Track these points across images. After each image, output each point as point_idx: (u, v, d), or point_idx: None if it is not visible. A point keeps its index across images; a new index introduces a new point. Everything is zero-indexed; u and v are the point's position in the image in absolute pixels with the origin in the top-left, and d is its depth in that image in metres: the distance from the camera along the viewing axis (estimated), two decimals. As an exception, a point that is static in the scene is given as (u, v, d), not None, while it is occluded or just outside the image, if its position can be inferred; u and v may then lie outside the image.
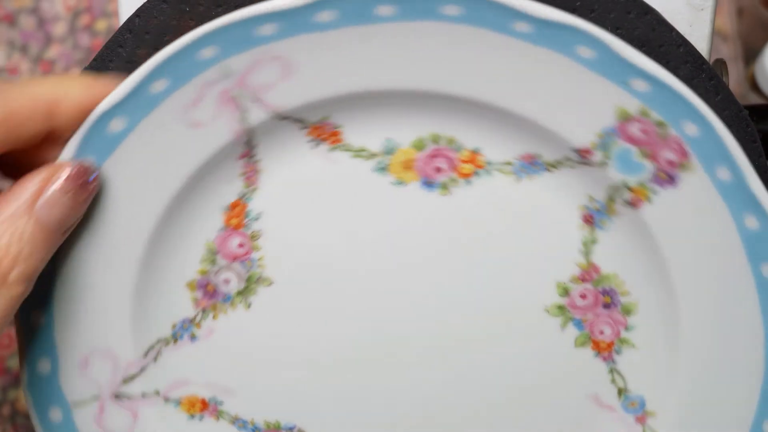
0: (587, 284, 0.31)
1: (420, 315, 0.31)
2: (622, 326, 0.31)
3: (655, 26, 0.29)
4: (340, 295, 0.32)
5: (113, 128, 0.28)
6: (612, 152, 0.28)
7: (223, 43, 0.27)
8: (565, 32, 0.26)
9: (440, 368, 0.32)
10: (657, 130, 0.27)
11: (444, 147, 0.30)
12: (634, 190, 0.29)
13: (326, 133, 0.30)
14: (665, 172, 0.28)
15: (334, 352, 0.32)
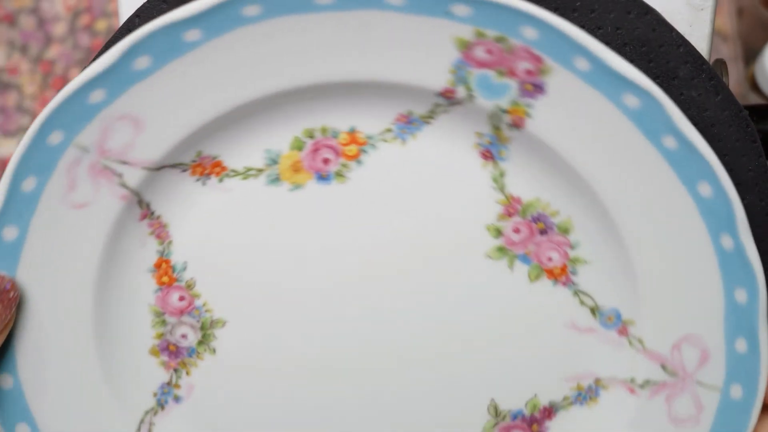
0: (515, 217, 0.30)
1: (375, 299, 0.31)
2: (567, 246, 0.30)
3: (655, 26, 0.29)
4: (290, 308, 0.32)
5: (8, 237, 0.29)
6: (471, 83, 0.28)
7: (66, 122, 0.28)
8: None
9: (410, 347, 0.31)
10: (500, 46, 0.27)
11: (321, 138, 0.30)
12: (511, 112, 0.28)
13: (208, 167, 0.30)
14: (529, 83, 0.28)
15: (307, 362, 0.32)
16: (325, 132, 0.30)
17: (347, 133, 0.30)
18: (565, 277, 0.31)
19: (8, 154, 0.80)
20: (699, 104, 0.29)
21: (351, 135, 0.31)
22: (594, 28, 0.29)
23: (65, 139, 0.28)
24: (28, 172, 0.28)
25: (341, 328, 0.32)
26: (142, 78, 0.28)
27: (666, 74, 0.29)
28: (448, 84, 0.28)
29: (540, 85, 0.27)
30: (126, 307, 0.31)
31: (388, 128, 0.30)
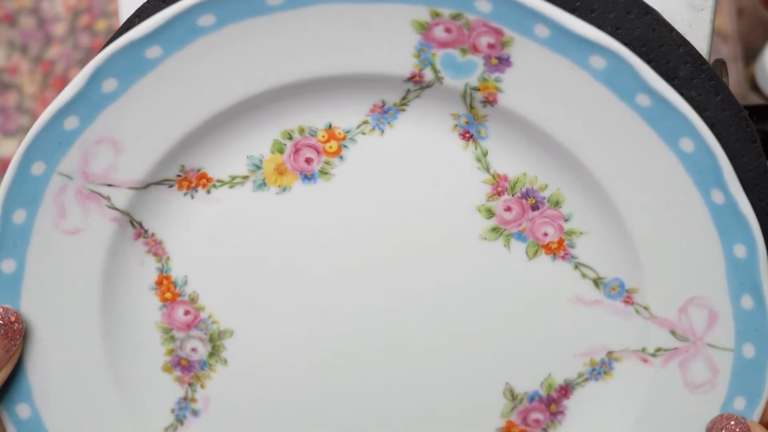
0: (505, 196, 0.30)
1: (376, 291, 0.31)
2: (560, 219, 0.30)
3: (655, 26, 0.29)
4: (294, 309, 0.32)
5: (6, 270, 0.29)
6: (437, 64, 0.28)
7: (46, 152, 0.28)
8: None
9: (417, 337, 0.31)
10: (457, 23, 0.27)
11: (300, 138, 0.30)
12: (481, 89, 0.28)
13: (194, 180, 0.31)
14: (494, 57, 0.28)
15: (318, 360, 0.32)
16: (302, 132, 0.30)
17: (325, 131, 0.31)
18: (563, 251, 0.31)
19: (8, 154, 0.80)
20: (699, 104, 0.29)
21: (329, 132, 0.31)
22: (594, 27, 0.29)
23: (48, 169, 0.29)
24: (16, 204, 0.29)
25: (348, 323, 0.32)
26: (112, 100, 0.28)
27: (666, 74, 0.29)
28: (414, 68, 0.28)
29: (505, 58, 0.28)
30: (133, 327, 0.31)
31: (365, 120, 0.30)
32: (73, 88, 0.27)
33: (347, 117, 0.30)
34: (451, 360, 0.32)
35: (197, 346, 0.32)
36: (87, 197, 0.29)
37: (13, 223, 0.29)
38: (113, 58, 0.27)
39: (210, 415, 0.32)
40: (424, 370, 0.32)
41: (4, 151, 0.80)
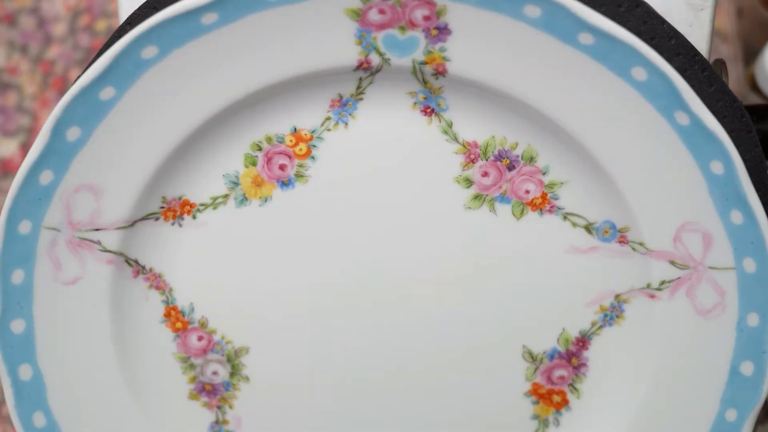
0: (479, 162, 0.31)
1: (378, 284, 0.32)
2: (538, 173, 0.31)
3: (646, 19, 0.29)
4: (302, 315, 0.32)
5: (17, 330, 0.30)
6: (380, 47, 0.28)
7: (28, 209, 0.29)
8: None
9: (427, 320, 0.32)
10: (389, 3, 0.27)
11: (269, 147, 0.31)
12: (428, 62, 0.29)
13: (178, 208, 0.31)
14: (433, 28, 0.28)
15: (336, 360, 0.32)
16: (270, 140, 0.31)
17: (291, 135, 0.31)
18: (549, 204, 0.31)
19: (8, 154, 0.80)
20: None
21: (295, 135, 0.31)
22: None
23: (34, 225, 0.29)
24: (12, 265, 0.29)
25: (355, 318, 0.32)
26: (79, 148, 0.28)
27: None
28: (360, 55, 0.29)
29: (443, 27, 0.28)
30: (152, 362, 0.32)
31: (327, 117, 0.31)
32: (40, 142, 0.28)
33: (310, 117, 0.31)
34: (465, 336, 0.32)
35: (217, 369, 0.32)
36: (78, 245, 0.30)
37: (13, 284, 0.29)
38: (70, 107, 0.28)
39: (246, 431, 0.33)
40: (437, 350, 0.32)
41: (4, 151, 0.80)
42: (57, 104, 0.28)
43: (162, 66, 0.28)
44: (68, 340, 0.31)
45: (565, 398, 0.32)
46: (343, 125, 0.31)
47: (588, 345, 0.32)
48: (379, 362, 0.33)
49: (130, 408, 0.32)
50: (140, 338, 0.32)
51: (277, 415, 0.33)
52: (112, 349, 0.31)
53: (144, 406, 0.32)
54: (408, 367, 0.33)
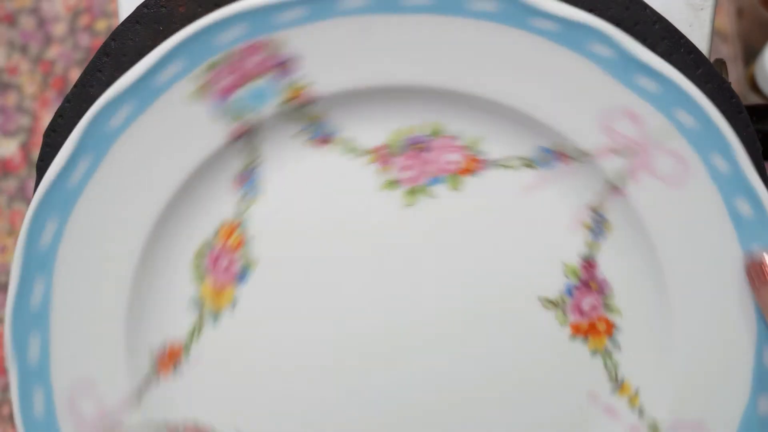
0: (394, 159, 0.31)
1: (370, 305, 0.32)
2: (453, 141, 0.31)
3: (629, 4, 0.28)
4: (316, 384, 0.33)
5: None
6: (250, 107, 0.29)
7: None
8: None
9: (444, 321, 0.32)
10: (223, 65, 0.28)
11: (209, 253, 0.31)
12: (294, 96, 0.29)
13: (168, 358, 0.32)
14: (278, 65, 0.28)
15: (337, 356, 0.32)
16: (208, 246, 0.31)
17: (219, 230, 0.31)
18: (479, 163, 0.31)
19: (8, 154, 0.80)
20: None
21: (222, 229, 0.31)
22: None
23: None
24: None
25: (372, 330, 0.32)
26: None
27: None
28: (239, 127, 0.29)
29: (287, 59, 0.28)
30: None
31: (240, 196, 0.31)
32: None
33: (226, 205, 0.31)
34: (479, 322, 0.32)
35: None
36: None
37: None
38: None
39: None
40: (455, 358, 0.32)
41: (4, 151, 0.80)
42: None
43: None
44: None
45: (608, 322, 0.32)
46: (259, 195, 0.31)
47: (595, 264, 0.32)
48: (387, 370, 0.33)
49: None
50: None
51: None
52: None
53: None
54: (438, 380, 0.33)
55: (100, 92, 0.30)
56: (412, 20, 0.28)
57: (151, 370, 0.31)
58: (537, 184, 0.31)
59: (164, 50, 0.27)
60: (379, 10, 0.27)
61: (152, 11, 0.29)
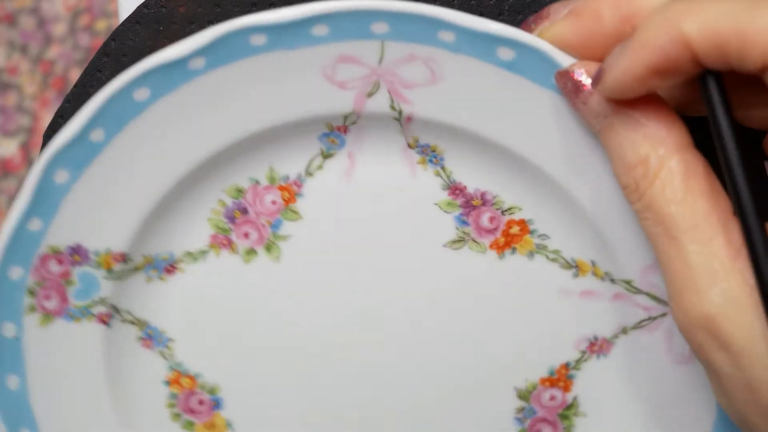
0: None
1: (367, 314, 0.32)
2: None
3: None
4: (294, 361, 0.32)
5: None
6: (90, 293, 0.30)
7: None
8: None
9: (420, 352, 0.32)
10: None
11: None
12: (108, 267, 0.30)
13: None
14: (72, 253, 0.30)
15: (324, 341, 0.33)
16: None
17: (170, 377, 0.32)
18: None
19: (8, 154, 0.80)
20: None
21: (174, 375, 0.32)
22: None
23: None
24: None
25: (342, 360, 0.33)
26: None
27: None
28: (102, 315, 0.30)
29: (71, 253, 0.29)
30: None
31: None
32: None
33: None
34: (454, 377, 0.32)
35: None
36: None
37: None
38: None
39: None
40: (427, 394, 0.32)
41: (4, 151, 0.80)
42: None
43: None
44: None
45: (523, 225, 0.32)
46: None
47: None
48: (368, 406, 0.33)
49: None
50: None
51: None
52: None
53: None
54: (398, 410, 0.33)
55: (100, 92, 0.30)
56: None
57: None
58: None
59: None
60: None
61: (152, 11, 0.29)
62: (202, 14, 0.29)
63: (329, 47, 0.27)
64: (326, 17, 0.26)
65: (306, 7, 0.26)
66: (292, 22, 0.26)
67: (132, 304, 0.31)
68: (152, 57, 0.26)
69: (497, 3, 0.29)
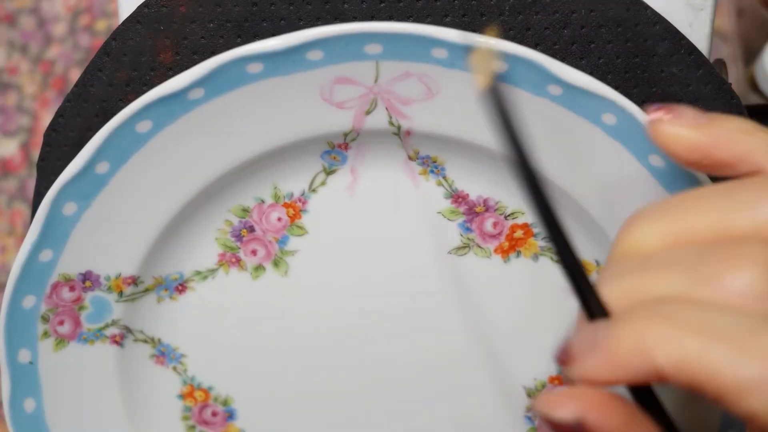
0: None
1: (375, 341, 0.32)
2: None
3: (630, 5, 0.28)
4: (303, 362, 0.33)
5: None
6: (103, 316, 0.30)
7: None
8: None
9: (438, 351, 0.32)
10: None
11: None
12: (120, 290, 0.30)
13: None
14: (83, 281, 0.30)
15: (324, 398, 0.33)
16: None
17: (184, 391, 0.33)
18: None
19: (8, 154, 0.80)
20: (681, 80, 0.29)
21: (188, 388, 0.33)
22: (568, 12, 0.29)
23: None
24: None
25: (346, 376, 0.33)
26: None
27: (645, 52, 0.29)
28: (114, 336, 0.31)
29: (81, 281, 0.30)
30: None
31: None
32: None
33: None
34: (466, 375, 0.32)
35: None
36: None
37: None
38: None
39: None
40: (435, 388, 0.32)
41: (4, 151, 0.80)
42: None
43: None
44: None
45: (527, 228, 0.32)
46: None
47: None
48: (379, 414, 0.33)
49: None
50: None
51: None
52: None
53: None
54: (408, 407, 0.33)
55: (101, 91, 0.30)
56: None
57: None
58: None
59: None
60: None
61: (153, 11, 0.29)
62: (202, 14, 0.29)
63: (325, 70, 0.27)
64: (320, 42, 0.26)
65: (300, 34, 0.26)
66: (287, 49, 0.26)
67: (144, 324, 0.31)
68: (152, 90, 0.27)
69: (498, 3, 0.29)
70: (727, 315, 0.18)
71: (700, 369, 0.17)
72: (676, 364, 0.18)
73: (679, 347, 0.18)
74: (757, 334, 0.17)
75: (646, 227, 0.20)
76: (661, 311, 0.18)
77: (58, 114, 0.30)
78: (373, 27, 0.26)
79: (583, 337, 0.19)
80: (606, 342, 0.19)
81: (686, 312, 0.18)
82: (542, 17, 0.29)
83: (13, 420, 0.29)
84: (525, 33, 0.29)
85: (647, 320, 0.18)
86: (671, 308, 0.18)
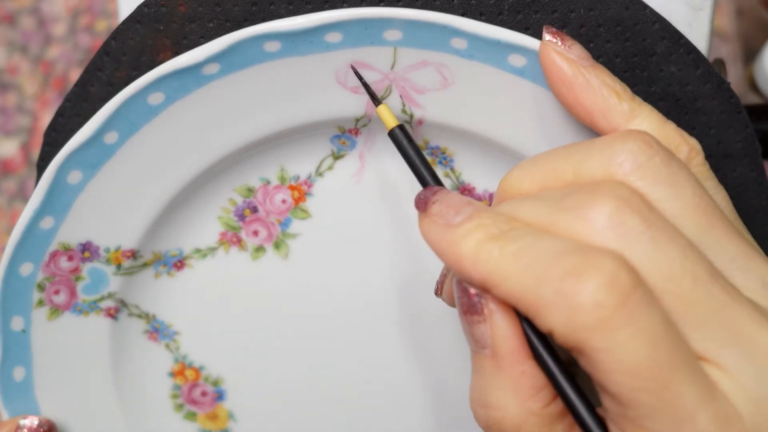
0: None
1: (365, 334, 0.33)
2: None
3: (629, 5, 0.28)
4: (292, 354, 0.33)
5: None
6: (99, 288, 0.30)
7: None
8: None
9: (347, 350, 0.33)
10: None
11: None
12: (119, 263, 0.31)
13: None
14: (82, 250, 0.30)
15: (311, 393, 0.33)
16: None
17: (174, 369, 0.32)
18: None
19: (8, 154, 0.80)
20: (680, 79, 0.29)
21: (179, 367, 0.32)
22: (567, 11, 0.29)
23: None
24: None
25: (335, 347, 0.33)
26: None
27: (644, 52, 0.29)
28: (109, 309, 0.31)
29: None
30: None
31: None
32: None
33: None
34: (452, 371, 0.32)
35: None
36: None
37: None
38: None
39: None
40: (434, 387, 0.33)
41: (3, 151, 0.80)
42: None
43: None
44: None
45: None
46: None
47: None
48: (374, 402, 0.33)
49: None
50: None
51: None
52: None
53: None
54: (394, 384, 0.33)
55: (101, 91, 0.30)
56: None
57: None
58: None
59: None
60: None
61: (153, 10, 0.29)
62: (202, 13, 0.29)
63: (342, 53, 0.27)
64: (340, 25, 0.26)
65: (320, 15, 0.26)
66: (306, 29, 0.26)
67: (140, 299, 0.31)
68: (167, 63, 0.27)
69: (497, 2, 0.29)
70: (556, 241, 0.19)
71: (505, 287, 0.20)
72: (483, 277, 0.20)
73: (488, 262, 0.20)
74: (568, 257, 0.19)
75: (522, 172, 0.23)
76: (505, 230, 0.20)
77: (58, 114, 0.30)
78: (395, 12, 0.26)
79: (446, 201, 0.22)
80: (452, 228, 0.21)
81: (523, 236, 0.20)
82: (541, 16, 0.29)
83: (2, 388, 0.29)
84: (524, 32, 0.29)
85: (485, 229, 0.21)
86: (516, 231, 0.20)
